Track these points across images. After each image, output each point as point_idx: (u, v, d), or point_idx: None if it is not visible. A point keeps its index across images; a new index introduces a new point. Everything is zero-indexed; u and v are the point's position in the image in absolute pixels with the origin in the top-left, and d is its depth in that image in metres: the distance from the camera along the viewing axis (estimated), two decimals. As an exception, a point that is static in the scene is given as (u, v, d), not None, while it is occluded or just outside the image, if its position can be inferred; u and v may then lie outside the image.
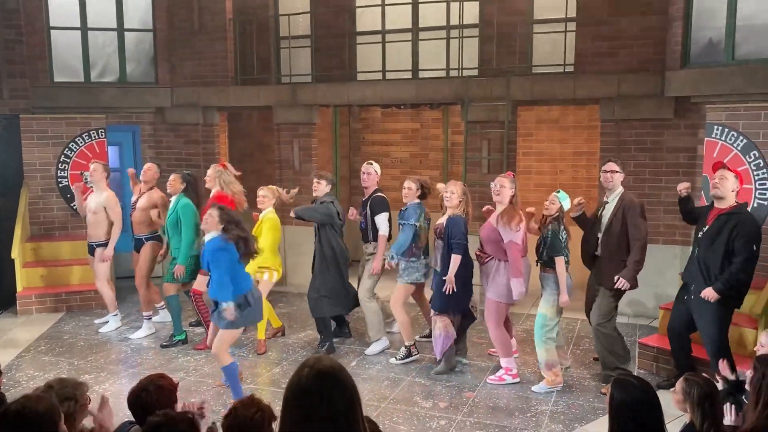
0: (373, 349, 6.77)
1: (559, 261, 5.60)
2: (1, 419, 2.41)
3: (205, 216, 5.48)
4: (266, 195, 6.81)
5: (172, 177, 7.05)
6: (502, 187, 5.85)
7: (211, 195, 6.90)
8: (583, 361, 6.51)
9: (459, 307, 6.08)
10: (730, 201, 5.26)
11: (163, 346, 6.99)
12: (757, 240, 5.17)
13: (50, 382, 3.06)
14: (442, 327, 6.01)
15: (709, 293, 5.17)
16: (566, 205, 5.73)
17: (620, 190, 5.80)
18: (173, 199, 7.00)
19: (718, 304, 5.18)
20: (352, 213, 7.05)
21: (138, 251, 7.38)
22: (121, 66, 9.78)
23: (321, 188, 6.67)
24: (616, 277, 5.59)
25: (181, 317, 7.17)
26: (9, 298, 8.20)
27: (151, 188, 7.40)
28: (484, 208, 6.20)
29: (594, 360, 6.47)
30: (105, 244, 7.39)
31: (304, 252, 8.52)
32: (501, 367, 6.08)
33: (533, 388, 5.82)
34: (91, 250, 7.49)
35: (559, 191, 5.80)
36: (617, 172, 5.79)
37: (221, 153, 9.92)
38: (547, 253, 5.64)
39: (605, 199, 5.88)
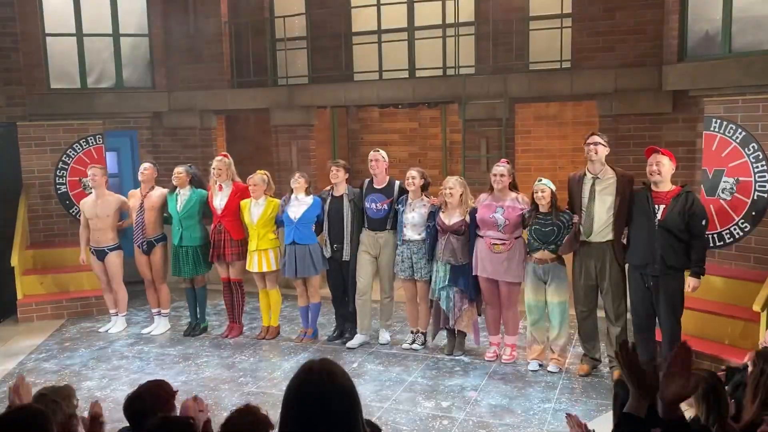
0: (354, 342, 6.89)
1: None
2: None
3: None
4: (257, 183, 6.88)
5: (179, 169, 7.10)
6: (503, 176, 6.09)
7: (231, 190, 6.99)
8: (586, 358, 6.48)
9: (477, 290, 6.42)
10: (668, 184, 5.34)
11: (185, 335, 7.31)
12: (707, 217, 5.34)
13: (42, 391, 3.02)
14: (471, 316, 6.42)
15: (694, 283, 5.25)
16: (553, 188, 5.87)
17: (606, 167, 5.66)
18: (183, 191, 7.08)
19: (682, 287, 5.29)
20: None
21: (148, 255, 7.36)
22: (117, 71, 9.78)
23: (341, 175, 6.73)
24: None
25: (205, 305, 7.48)
26: (10, 306, 8.18)
27: (152, 188, 7.33)
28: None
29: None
30: (116, 248, 7.47)
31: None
32: (507, 346, 6.42)
33: (549, 368, 6.07)
34: (101, 256, 7.46)
35: (540, 179, 5.87)
36: (601, 144, 5.62)
37: (220, 156, 9.91)
38: (557, 243, 5.82)
39: (593, 173, 5.66)
